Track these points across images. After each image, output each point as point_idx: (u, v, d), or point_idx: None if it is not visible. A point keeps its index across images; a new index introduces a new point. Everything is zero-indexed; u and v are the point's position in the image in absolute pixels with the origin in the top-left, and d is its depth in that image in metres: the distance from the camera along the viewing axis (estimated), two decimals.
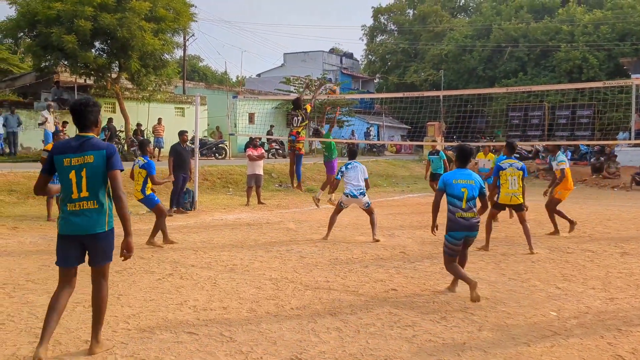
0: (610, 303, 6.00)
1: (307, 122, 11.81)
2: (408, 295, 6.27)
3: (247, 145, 16.41)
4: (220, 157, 26.05)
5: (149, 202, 9.18)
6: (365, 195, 9.86)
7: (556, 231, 10.46)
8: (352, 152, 10.48)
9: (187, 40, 34.83)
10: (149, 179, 9.07)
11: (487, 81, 43.14)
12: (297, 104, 12.25)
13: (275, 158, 27.48)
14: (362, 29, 59.26)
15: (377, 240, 9.65)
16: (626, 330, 5.09)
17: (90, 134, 4.34)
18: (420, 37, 50.57)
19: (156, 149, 22.60)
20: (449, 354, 4.53)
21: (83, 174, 4.22)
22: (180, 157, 12.90)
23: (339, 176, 10.11)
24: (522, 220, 9.00)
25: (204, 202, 14.74)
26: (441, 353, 4.54)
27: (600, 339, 4.87)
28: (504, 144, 10.39)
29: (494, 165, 11.69)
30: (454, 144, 23.66)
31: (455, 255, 6.26)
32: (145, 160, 9.18)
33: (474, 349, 4.64)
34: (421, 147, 31.38)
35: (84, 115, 4.33)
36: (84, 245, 4.37)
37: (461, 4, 58.89)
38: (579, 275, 7.29)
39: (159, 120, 24.64)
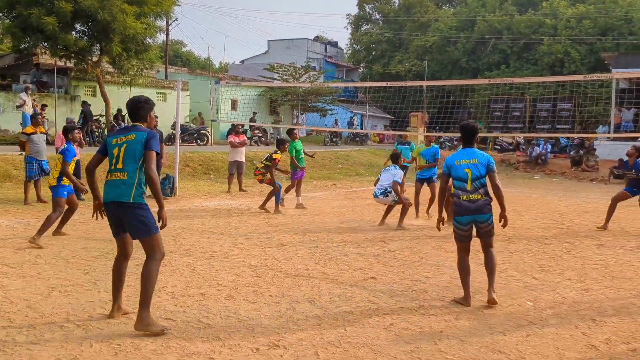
0: (586, 294, 6.08)
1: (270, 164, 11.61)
2: (387, 283, 6.30)
3: (229, 132, 16.27)
4: (202, 143, 25.88)
5: (55, 191, 8.16)
6: (387, 195, 10.10)
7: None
8: (394, 157, 10.84)
9: (170, 24, 34.39)
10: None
11: (470, 73, 43.31)
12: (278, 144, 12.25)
13: (258, 145, 27.36)
14: (347, 18, 58.97)
15: (403, 229, 9.95)
16: (600, 321, 5.16)
17: (139, 124, 4.87)
18: (405, 27, 50.52)
19: None
20: (426, 342, 4.56)
21: (122, 149, 4.70)
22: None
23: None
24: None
25: (185, 188, 14.65)
26: (418, 341, 4.57)
27: (575, 329, 4.94)
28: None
29: None
30: (436, 134, 23.79)
31: (464, 240, 5.75)
32: (65, 146, 8.28)
33: (450, 337, 4.68)
34: (401, 136, 31.43)
35: (136, 110, 4.92)
36: (119, 217, 4.72)
37: None
38: (555, 266, 7.38)
39: None
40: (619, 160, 22.02)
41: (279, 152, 11.79)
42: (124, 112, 24.01)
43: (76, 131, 8.68)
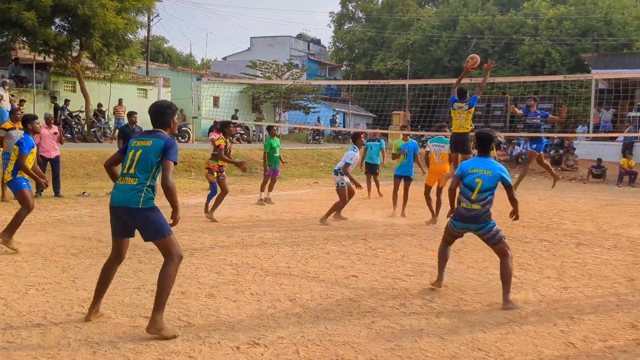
0: (564, 292, 6.15)
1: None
2: (368, 281, 6.31)
3: (211, 129, 16.18)
4: (183, 140, 25.70)
5: (13, 187, 7.50)
6: (337, 174, 10.25)
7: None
8: (354, 137, 10.91)
9: (152, 20, 34.14)
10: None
11: (453, 72, 43.47)
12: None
13: (240, 143, 27.26)
14: (330, 16, 58.97)
15: (326, 224, 9.98)
16: (578, 319, 5.22)
17: (160, 130, 4.78)
18: (387, 26, 50.63)
19: (116, 130, 22.15)
20: (407, 340, 4.57)
21: (138, 154, 4.63)
22: (128, 140, 12.56)
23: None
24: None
25: None
26: (399, 339, 4.58)
27: (554, 327, 4.99)
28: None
29: None
30: (418, 132, 23.88)
31: (452, 238, 6.00)
32: (22, 136, 7.65)
33: (431, 335, 4.70)
34: (386, 135, 31.54)
35: (159, 116, 4.82)
36: (125, 220, 4.66)
37: None
38: (535, 264, 7.45)
39: (120, 101, 24.14)
40: (597, 159, 22.32)
41: (222, 137, 10.53)
42: (104, 107, 23.81)
43: (36, 121, 8.31)
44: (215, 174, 10.47)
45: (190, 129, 26.25)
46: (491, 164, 5.74)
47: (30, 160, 7.47)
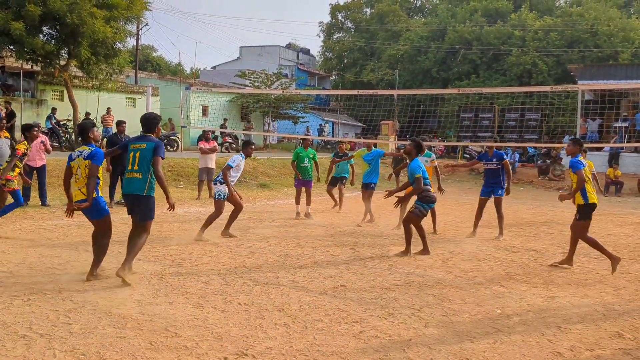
0: (552, 301, 6.17)
1: None
2: (357, 291, 6.30)
3: (199, 138, 16.17)
4: (171, 149, 25.61)
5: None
6: (216, 183, 9.37)
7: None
8: (245, 144, 10.15)
9: (141, 29, 34.11)
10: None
11: (441, 82, 43.79)
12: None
13: (229, 152, 27.19)
14: (319, 26, 59.21)
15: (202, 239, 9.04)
16: (565, 328, 5.24)
17: (150, 135, 6.41)
18: (377, 36, 50.90)
19: (104, 139, 22.04)
20: (395, 350, 4.57)
21: (137, 155, 6.24)
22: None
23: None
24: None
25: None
26: (387, 349, 4.57)
27: (541, 336, 5.01)
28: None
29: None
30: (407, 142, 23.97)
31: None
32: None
33: (419, 345, 4.70)
34: (375, 145, 31.66)
35: (149, 123, 6.48)
36: (134, 203, 6.34)
37: (418, 5, 59.54)
38: (522, 273, 7.49)
39: (108, 110, 24.04)
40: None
41: (24, 141, 9.38)
42: (92, 116, 23.70)
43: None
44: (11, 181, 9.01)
45: (178, 138, 26.18)
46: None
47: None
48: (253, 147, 10.16)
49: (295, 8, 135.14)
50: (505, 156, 10.46)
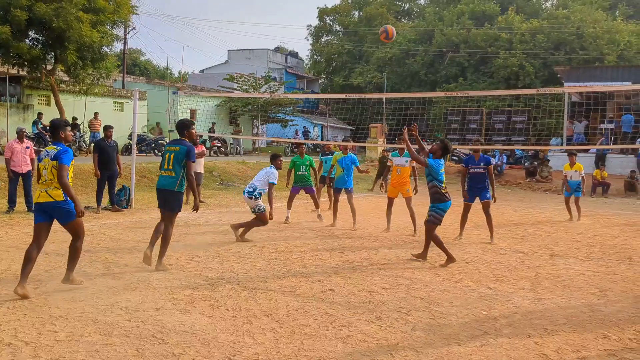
0: (538, 303, 6.21)
1: None
2: (345, 295, 6.31)
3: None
4: (159, 153, 25.52)
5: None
6: (253, 197, 9.66)
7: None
8: (273, 157, 10.56)
9: (128, 33, 33.99)
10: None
11: (429, 85, 43.98)
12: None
13: (217, 156, 27.16)
14: (307, 29, 59.37)
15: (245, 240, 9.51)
16: (552, 330, 5.28)
17: (182, 138, 7.32)
18: (365, 40, 51.06)
19: (92, 144, 21.92)
20: (383, 354, 4.57)
21: (172, 156, 7.17)
22: (104, 154, 12.45)
23: None
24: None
25: (142, 199, 14.40)
26: (375, 353, 4.58)
27: (528, 338, 5.03)
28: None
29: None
30: (396, 145, 24.03)
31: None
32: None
33: (407, 348, 4.70)
34: (364, 148, 31.72)
35: (182, 128, 7.39)
36: (165, 198, 7.24)
37: (405, 9, 59.81)
38: (509, 275, 7.52)
39: (95, 114, 23.93)
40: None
41: None
42: (80, 121, 23.56)
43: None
44: None
45: (166, 142, 26.07)
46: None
47: None
48: (281, 159, 10.48)
49: (284, 11, 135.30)
50: (492, 161, 10.48)
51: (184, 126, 7.39)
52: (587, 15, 41.65)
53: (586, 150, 24.21)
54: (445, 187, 8.22)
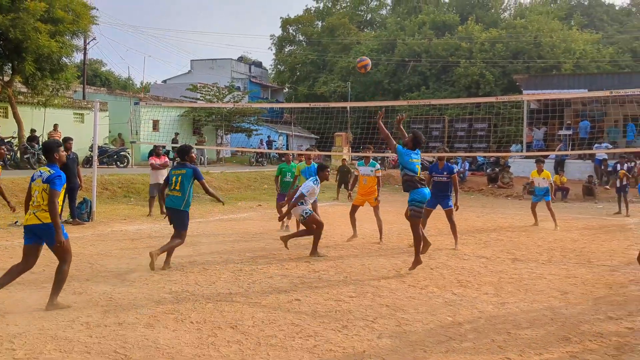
0: (502, 307, 6.30)
1: None
2: (311, 305, 6.29)
3: (150, 154, 15.91)
4: (122, 165, 25.13)
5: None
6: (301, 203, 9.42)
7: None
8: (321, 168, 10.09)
9: (88, 43, 33.46)
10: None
11: (392, 94, 44.44)
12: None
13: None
14: (271, 39, 59.37)
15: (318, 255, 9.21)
16: (515, 334, 5.35)
17: (186, 162, 8.26)
18: (328, 49, 51.34)
19: None
20: None
21: (179, 179, 8.05)
22: (64, 166, 12.17)
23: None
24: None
25: (103, 212, 14.14)
26: None
27: (492, 343, 5.10)
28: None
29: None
30: (360, 154, 24.17)
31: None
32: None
33: (373, 357, 4.71)
34: (329, 156, 31.81)
35: (184, 153, 8.38)
36: (171, 215, 8.12)
37: (368, 19, 60.41)
38: (473, 280, 7.62)
39: (55, 126, 23.43)
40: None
41: None
42: (38, 133, 23.04)
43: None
44: None
45: (129, 153, 25.71)
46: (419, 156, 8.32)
47: None
48: (328, 171, 10.16)
49: (247, 21, 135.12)
50: (455, 170, 10.61)
51: (185, 151, 8.36)
52: (544, 25, 42.76)
53: (545, 156, 24.71)
54: (421, 178, 8.12)
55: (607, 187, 22.23)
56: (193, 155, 8.51)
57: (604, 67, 40.74)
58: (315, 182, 9.59)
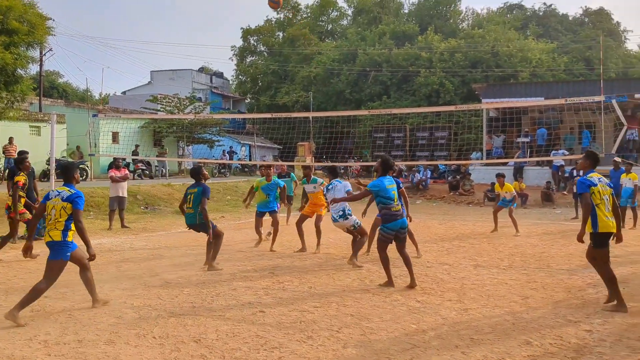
0: (465, 314, 6.37)
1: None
2: (276, 316, 6.25)
3: (110, 166, 15.62)
4: (80, 178, 24.59)
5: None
6: (347, 217, 9.47)
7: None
8: (333, 172, 10.23)
9: (44, 54, 32.73)
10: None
11: (354, 103, 44.75)
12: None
13: (142, 179, 26.47)
14: (232, 49, 59.10)
15: (359, 266, 9.07)
16: (478, 339, 5.42)
17: (199, 182, 9.06)
18: (290, 59, 51.45)
19: (6, 170, 20.84)
20: None
21: (192, 197, 8.93)
22: None
23: (326, 198, 9.97)
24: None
25: None
26: None
27: (455, 349, 5.15)
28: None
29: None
30: (324, 163, 24.24)
31: (388, 242, 7.81)
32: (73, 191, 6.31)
33: None
34: (292, 166, 31.79)
35: (197, 173, 9.20)
36: (196, 230, 9.19)
37: (329, 29, 60.79)
38: (437, 288, 7.69)
39: (10, 139, 22.80)
40: (491, 183, 23.59)
41: (22, 172, 10.27)
42: None
43: None
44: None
45: (87, 166, 25.19)
46: (392, 179, 8.05)
47: None
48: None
49: (208, 32, 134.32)
50: (401, 184, 9.91)
51: (197, 172, 9.22)
52: (501, 35, 43.78)
53: (505, 164, 25.26)
54: (398, 205, 7.82)
55: (565, 192, 22.77)
56: (205, 172, 9.36)
57: (559, 75, 41.93)
58: (341, 182, 9.96)
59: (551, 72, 41.94)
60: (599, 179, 6.66)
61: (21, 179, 9.99)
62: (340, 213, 9.53)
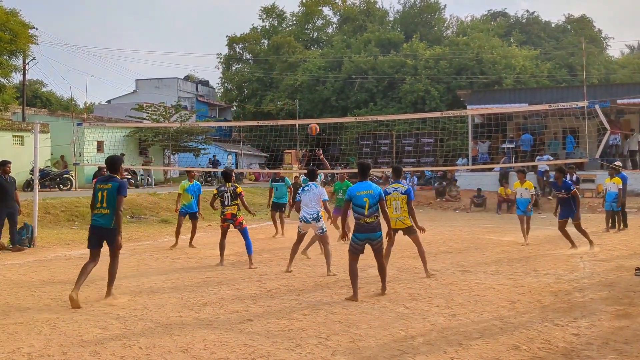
0: (453, 319, 6.37)
1: (238, 201, 10.18)
2: (264, 324, 6.20)
3: (95, 176, 15.48)
4: (65, 188, 24.38)
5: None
6: (319, 220, 9.40)
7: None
8: (312, 174, 10.10)
9: (27, 63, 32.45)
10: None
11: (340, 111, 44.80)
12: (227, 177, 10.39)
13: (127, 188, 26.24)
14: (217, 57, 59.02)
15: (334, 274, 9.02)
16: (466, 344, 5.41)
17: (115, 175, 7.68)
18: (275, 67, 51.45)
19: None
20: None
21: (105, 193, 7.50)
22: (2, 190, 11.81)
23: (298, 198, 9.80)
24: (417, 243, 9.06)
25: (46, 237, 13.64)
26: None
27: (444, 354, 5.14)
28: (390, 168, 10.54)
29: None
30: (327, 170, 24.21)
31: (357, 252, 7.48)
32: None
33: None
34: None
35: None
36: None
37: (314, 37, 60.91)
38: (425, 294, 7.69)
39: None
40: (477, 189, 23.69)
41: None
42: None
43: None
44: None
45: (72, 176, 24.96)
46: (371, 185, 7.49)
47: None
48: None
49: (193, 40, 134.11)
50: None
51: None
52: (485, 42, 44.10)
53: (491, 169, 25.39)
54: (370, 217, 7.34)
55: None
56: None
57: (543, 81, 42.30)
58: (317, 186, 9.67)
59: (535, 79, 42.31)
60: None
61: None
62: (315, 215, 9.43)
